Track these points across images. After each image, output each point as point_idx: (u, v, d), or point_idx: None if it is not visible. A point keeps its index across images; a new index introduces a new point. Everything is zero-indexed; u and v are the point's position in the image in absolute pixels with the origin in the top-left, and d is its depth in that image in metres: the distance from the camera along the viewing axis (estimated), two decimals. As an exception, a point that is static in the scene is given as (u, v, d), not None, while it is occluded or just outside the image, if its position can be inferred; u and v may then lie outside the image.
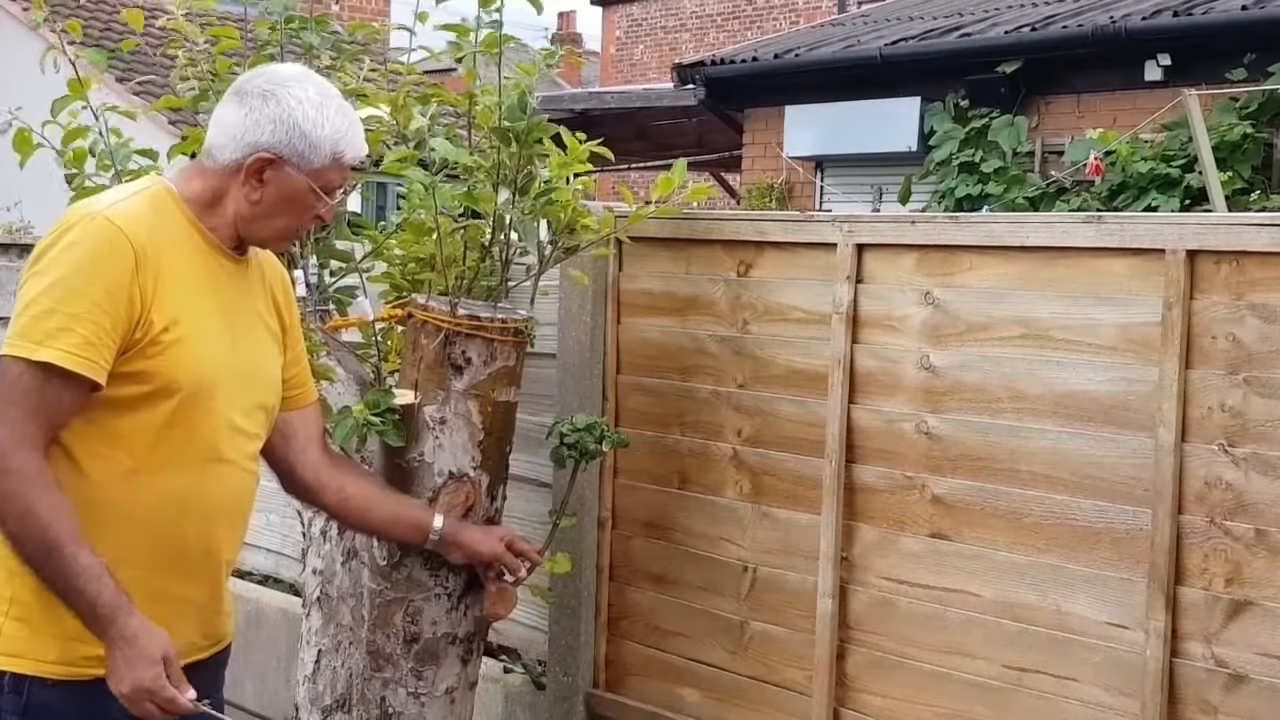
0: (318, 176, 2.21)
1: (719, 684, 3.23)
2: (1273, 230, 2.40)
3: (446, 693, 2.92)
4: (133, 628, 2.05)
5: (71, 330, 2.02)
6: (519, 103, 2.88)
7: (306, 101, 2.20)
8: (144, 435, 2.12)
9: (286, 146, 2.19)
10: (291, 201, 2.21)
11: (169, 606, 2.17)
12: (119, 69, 11.26)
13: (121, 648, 2.05)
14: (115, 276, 2.06)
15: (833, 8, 16.52)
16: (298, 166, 2.20)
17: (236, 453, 2.25)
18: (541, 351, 3.39)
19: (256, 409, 2.30)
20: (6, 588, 2.10)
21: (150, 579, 2.15)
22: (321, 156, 2.20)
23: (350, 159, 2.25)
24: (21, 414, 2.02)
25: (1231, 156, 7.66)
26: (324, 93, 2.25)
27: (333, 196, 2.26)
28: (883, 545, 2.93)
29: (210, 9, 3.17)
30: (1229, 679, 2.47)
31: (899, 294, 2.90)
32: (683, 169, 3.10)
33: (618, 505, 3.44)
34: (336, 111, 2.23)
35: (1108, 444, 2.60)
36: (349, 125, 2.24)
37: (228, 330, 2.23)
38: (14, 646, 2.09)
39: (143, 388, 2.10)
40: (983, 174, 8.83)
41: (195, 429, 2.16)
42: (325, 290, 3.14)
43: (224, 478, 2.21)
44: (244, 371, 2.26)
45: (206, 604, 2.29)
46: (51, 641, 2.09)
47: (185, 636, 2.22)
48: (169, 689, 2.06)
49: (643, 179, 15.26)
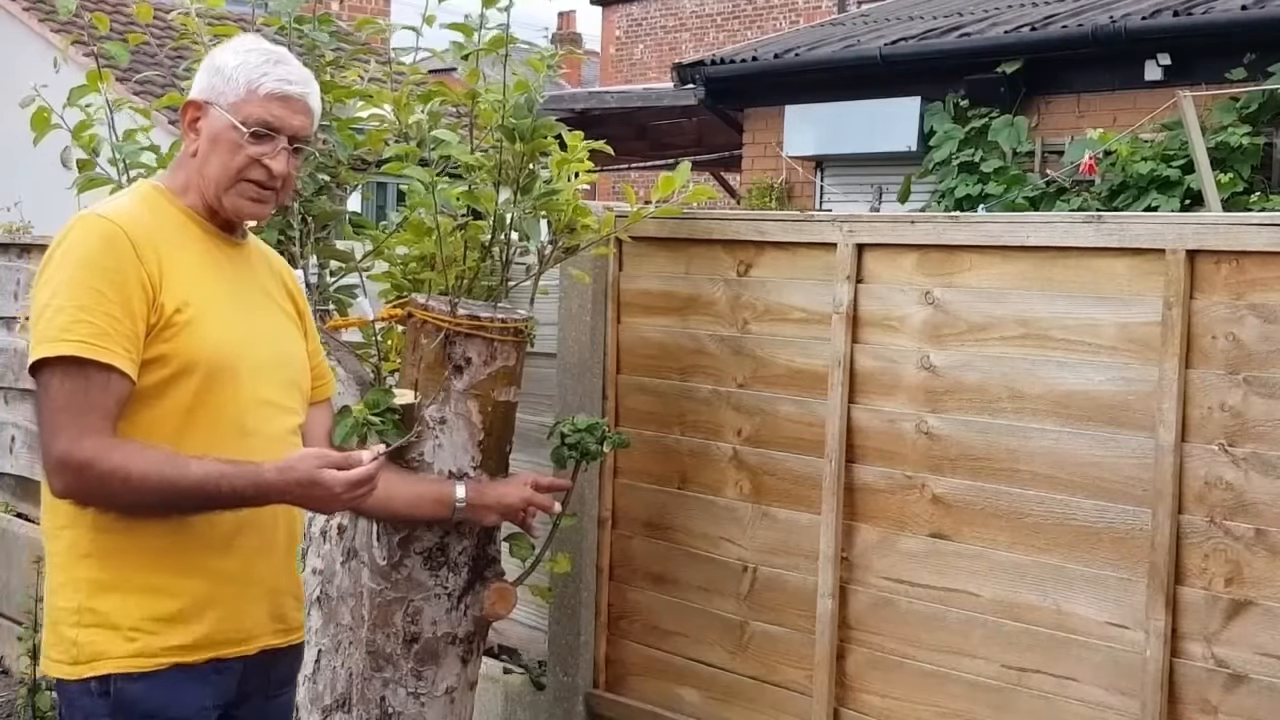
0: (237, 110, 2.21)
1: (719, 684, 3.23)
2: (1272, 230, 2.40)
3: (446, 693, 2.92)
4: (272, 479, 2.10)
5: (85, 323, 2.05)
6: (525, 102, 2.88)
7: (229, 47, 2.27)
8: (173, 419, 2.14)
9: (209, 90, 2.24)
10: (217, 141, 2.22)
11: (231, 588, 2.21)
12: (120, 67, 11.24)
13: (291, 494, 2.12)
14: (119, 267, 2.08)
15: (833, 8, 16.51)
16: (220, 106, 2.22)
17: (272, 427, 2.25)
18: (541, 351, 3.39)
19: (288, 384, 2.32)
20: (74, 598, 2.14)
21: (207, 560, 2.18)
22: (237, 89, 2.21)
23: (267, 91, 2.22)
24: (71, 415, 2.05)
25: (1231, 157, 7.67)
26: (254, 43, 2.30)
27: (264, 142, 2.22)
28: (883, 545, 2.93)
29: (215, 9, 3.17)
30: (1229, 679, 2.48)
31: (899, 294, 2.90)
32: (685, 169, 3.10)
33: (618, 505, 3.44)
34: (258, 53, 2.26)
35: (1108, 444, 2.61)
36: (268, 62, 2.25)
37: (240, 308, 2.25)
38: (91, 651, 2.13)
39: (164, 371, 2.12)
40: (982, 174, 8.83)
41: (222, 408, 2.17)
42: (325, 290, 3.14)
43: (259, 453, 2.20)
44: (265, 347, 2.27)
45: (273, 584, 2.30)
46: (127, 637, 2.13)
47: (253, 619, 2.25)
48: (340, 479, 2.10)
49: (643, 179, 15.26)
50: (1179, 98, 6.98)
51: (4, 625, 5.51)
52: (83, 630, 2.13)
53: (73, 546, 2.15)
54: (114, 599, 2.13)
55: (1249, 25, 7.93)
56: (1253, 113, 7.83)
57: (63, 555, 2.16)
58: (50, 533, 2.19)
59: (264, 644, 2.28)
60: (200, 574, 2.17)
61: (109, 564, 2.13)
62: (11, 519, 5.64)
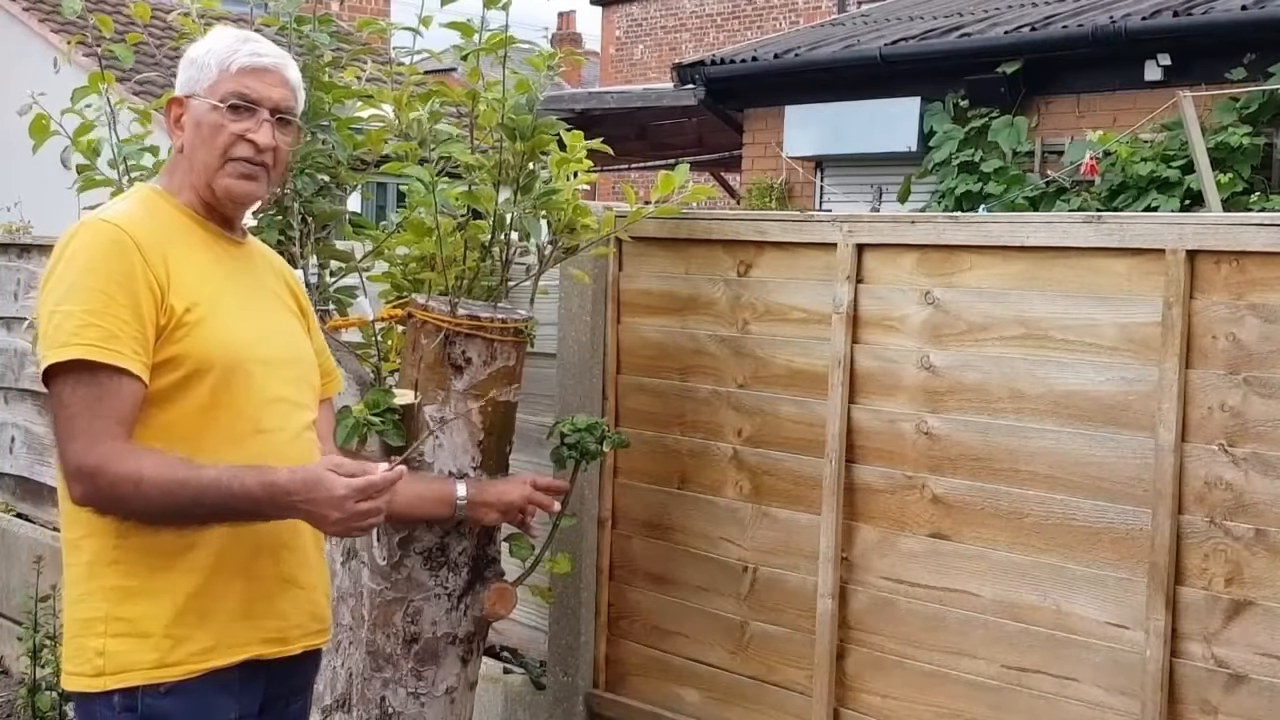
0: (213, 91, 2.21)
1: (719, 684, 3.23)
2: (1272, 230, 2.40)
3: (446, 693, 2.92)
4: (284, 483, 2.03)
5: (94, 326, 2.04)
6: (526, 101, 2.88)
7: (200, 41, 2.28)
8: (190, 420, 2.12)
9: (186, 83, 2.24)
10: (200, 127, 2.22)
11: (269, 585, 2.19)
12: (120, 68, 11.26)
13: (299, 505, 2.04)
14: (125, 270, 2.07)
15: (833, 8, 16.50)
16: (198, 95, 2.22)
17: (288, 423, 2.24)
18: (541, 351, 3.39)
19: (300, 380, 2.31)
20: (100, 607, 2.11)
21: (237, 558, 2.15)
22: (210, 73, 2.22)
23: (239, 66, 2.22)
24: (84, 421, 2.03)
25: (1231, 157, 7.67)
26: (223, 31, 2.31)
27: (244, 116, 2.21)
28: (883, 545, 2.93)
29: (215, 9, 3.17)
30: (1229, 679, 2.48)
31: (899, 294, 2.90)
32: (684, 169, 3.10)
33: (618, 505, 3.44)
34: (227, 36, 2.27)
35: (1108, 444, 2.60)
36: (237, 40, 2.25)
37: (248, 306, 2.25)
38: (119, 663, 2.09)
39: (178, 373, 2.11)
40: (982, 174, 8.83)
41: (237, 406, 2.16)
42: (325, 290, 3.14)
43: (277, 450, 2.19)
44: (275, 344, 2.27)
45: (306, 581, 2.28)
46: (155, 646, 2.10)
47: (293, 619, 2.24)
48: (346, 483, 2.03)
49: (643, 179, 15.26)
50: (1179, 97, 6.98)
51: (4, 625, 5.51)
52: (110, 640, 2.09)
53: (97, 556, 2.11)
54: (142, 605, 2.10)
55: (1249, 25, 7.94)
56: (1253, 113, 7.83)
57: (85, 566, 2.12)
58: (71, 544, 2.16)
59: (305, 644, 2.27)
60: (233, 573, 2.14)
61: (136, 569, 2.10)
62: (11, 519, 5.64)
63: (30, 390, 5.55)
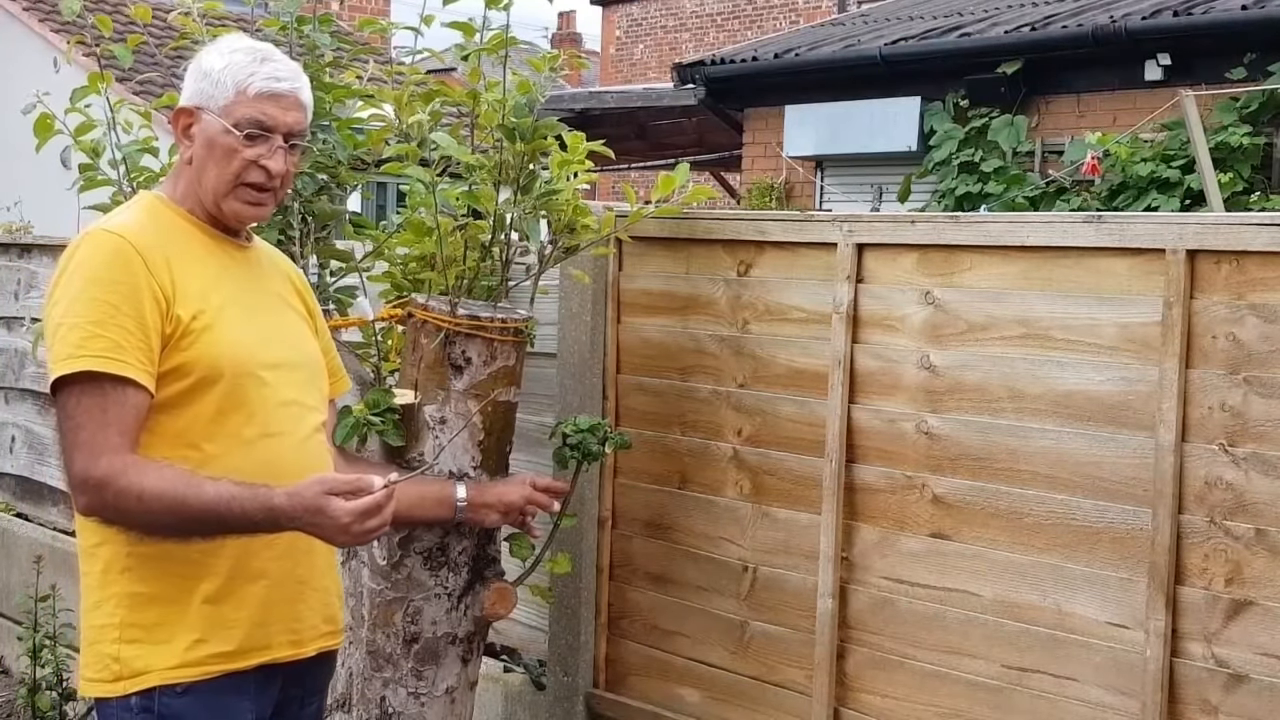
0: (228, 113, 2.20)
1: (719, 684, 3.23)
2: (1273, 230, 2.40)
3: (446, 693, 2.92)
4: (282, 504, 2.03)
5: (99, 337, 2.04)
6: (526, 102, 2.88)
7: (214, 50, 2.25)
8: (200, 427, 2.13)
9: (198, 94, 2.21)
10: (212, 147, 2.20)
11: (284, 588, 2.20)
12: (120, 68, 11.26)
13: (300, 521, 2.04)
14: (130, 281, 2.08)
15: (833, 8, 16.52)
16: (211, 110, 2.20)
17: (298, 427, 2.25)
18: (541, 351, 3.39)
19: (308, 383, 2.31)
20: (115, 614, 2.12)
21: (251, 562, 2.16)
22: (226, 91, 2.20)
23: (257, 91, 2.20)
24: (89, 433, 2.03)
25: (1231, 157, 7.67)
26: (238, 42, 2.27)
27: (259, 143, 2.20)
28: (883, 545, 2.93)
29: (217, 9, 3.17)
30: (1229, 679, 2.48)
31: (899, 294, 2.90)
32: (685, 169, 3.10)
33: (618, 505, 3.44)
34: (244, 52, 2.24)
35: (1108, 444, 2.60)
36: (255, 61, 2.23)
37: (254, 310, 2.24)
38: (134, 666, 2.11)
39: (186, 380, 2.11)
40: (982, 174, 8.83)
41: (247, 411, 2.16)
42: (325, 290, 3.14)
43: (288, 454, 2.19)
44: (282, 347, 2.27)
45: (319, 583, 2.29)
46: (170, 648, 2.11)
47: (308, 621, 2.24)
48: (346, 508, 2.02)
49: (643, 179, 15.27)
50: (1182, 97, 6.97)
51: (4, 625, 5.51)
52: (125, 646, 2.10)
53: (110, 563, 2.12)
54: (157, 610, 2.10)
55: (1249, 25, 7.94)
56: (1253, 112, 7.83)
57: (100, 574, 2.13)
58: (86, 552, 2.17)
59: (319, 646, 2.27)
60: (249, 576, 2.14)
61: (149, 575, 2.11)
62: (11, 519, 5.64)
63: (30, 390, 5.55)
